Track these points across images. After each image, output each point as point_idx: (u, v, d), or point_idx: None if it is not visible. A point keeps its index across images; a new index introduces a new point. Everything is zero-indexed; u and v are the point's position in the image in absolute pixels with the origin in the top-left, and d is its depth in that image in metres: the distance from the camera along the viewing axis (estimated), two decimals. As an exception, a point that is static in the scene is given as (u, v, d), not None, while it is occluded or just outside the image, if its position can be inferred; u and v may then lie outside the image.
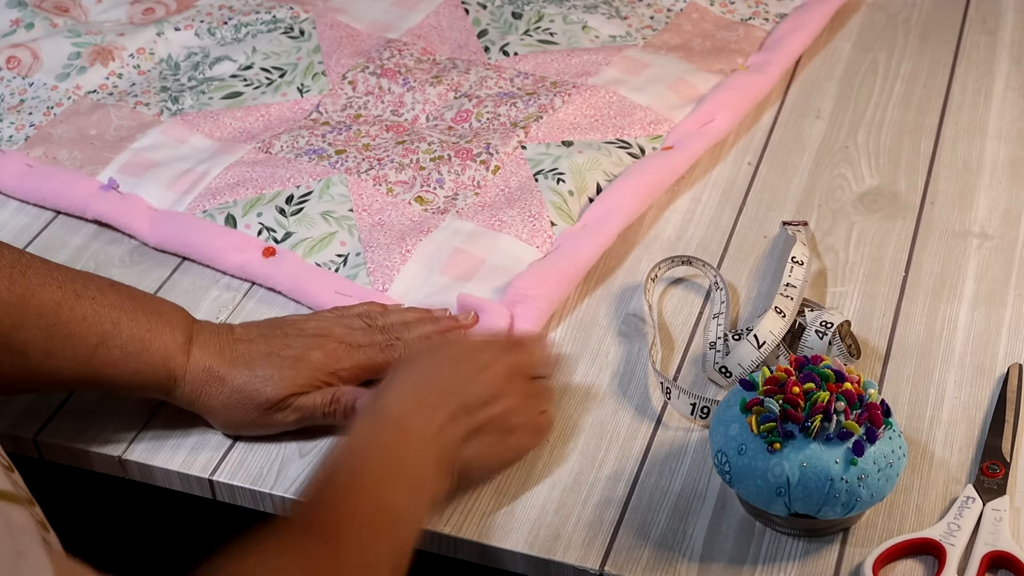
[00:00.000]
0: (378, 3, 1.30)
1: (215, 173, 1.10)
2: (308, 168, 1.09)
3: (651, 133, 1.13)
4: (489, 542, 0.85)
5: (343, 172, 1.09)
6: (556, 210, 1.05)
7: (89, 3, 1.32)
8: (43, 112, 1.19)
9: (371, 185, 1.08)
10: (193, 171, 1.11)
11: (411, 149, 1.11)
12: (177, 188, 1.10)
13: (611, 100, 1.15)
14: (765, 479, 0.80)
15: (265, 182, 1.08)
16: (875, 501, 0.81)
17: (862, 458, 0.79)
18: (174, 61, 1.25)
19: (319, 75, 1.21)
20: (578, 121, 1.13)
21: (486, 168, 1.09)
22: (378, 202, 1.07)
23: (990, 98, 1.21)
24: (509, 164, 1.09)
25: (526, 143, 1.11)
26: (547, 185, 1.07)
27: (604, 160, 1.09)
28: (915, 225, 1.08)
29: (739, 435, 0.82)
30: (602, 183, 1.08)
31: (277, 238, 1.04)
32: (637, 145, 1.12)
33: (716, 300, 1.00)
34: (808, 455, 0.79)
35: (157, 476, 0.91)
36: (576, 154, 1.09)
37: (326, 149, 1.11)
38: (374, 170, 1.09)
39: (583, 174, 1.08)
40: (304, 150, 1.12)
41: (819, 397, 0.80)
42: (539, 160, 1.09)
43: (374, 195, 1.07)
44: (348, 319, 0.93)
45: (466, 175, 1.08)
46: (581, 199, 1.07)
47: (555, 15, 1.27)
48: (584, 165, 1.08)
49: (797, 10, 1.29)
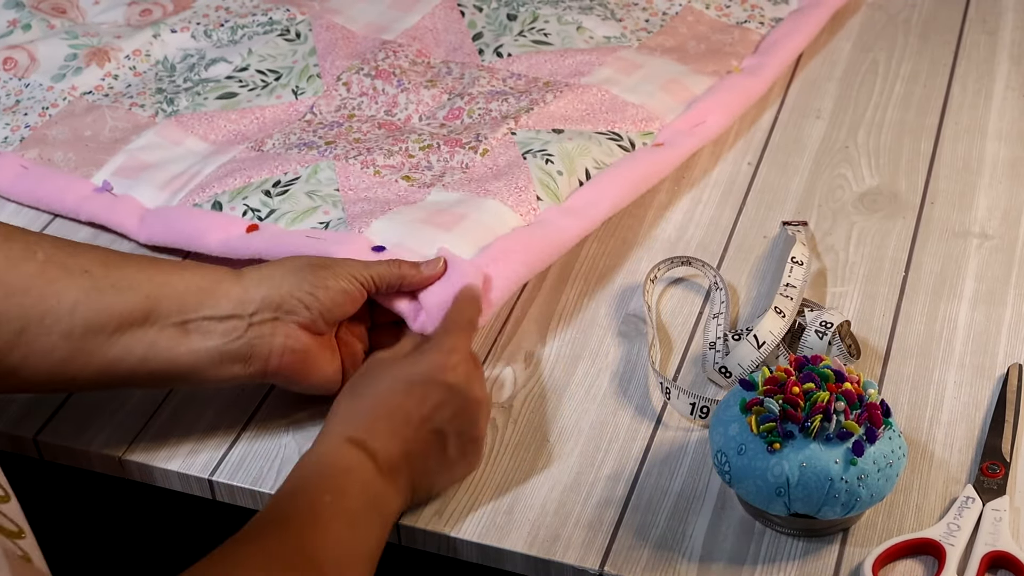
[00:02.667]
0: (375, 5, 1.30)
1: (207, 172, 1.10)
2: (297, 158, 1.09)
3: (643, 129, 1.13)
4: (489, 542, 0.85)
5: (331, 159, 1.09)
6: (543, 187, 1.05)
7: (87, 4, 1.32)
8: (38, 113, 1.19)
9: (359, 168, 1.07)
10: (186, 173, 1.11)
11: (400, 139, 1.11)
12: (170, 189, 1.10)
13: (603, 98, 1.15)
14: (765, 479, 0.80)
15: (254, 172, 1.08)
16: (875, 501, 0.81)
17: (862, 458, 0.79)
18: (170, 63, 1.25)
19: (314, 77, 1.21)
20: (569, 114, 1.13)
21: (475, 152, 1.09)
22: (365, 182, 1.06)
23: (990, 98, 1.21)
24: (498, 147, 1.09)
25: (516, 129, 1.11)
26: (535, 163, 1.06)
27: (594, 148, 1.09)
28: (915, 225, 1.08)
29: (739, 435, 0.82)
30: (591, 170, 1.07)
31: (261, 216, 1.04)
32: (628, 139, 1.11)
33: (716, 300, 1.00)
34: (808, 455, 0.79)
35: (157, 476, 0.91)
36: (566, 140, 1.09)
37: (316, 142, 1.12)
38: (362, 156, 1.09)
39: (572, 159, 1.07)
40: (295, 144, 1.12)
41: (819, 397, 0.80)
42: (528, 142, 1.09)
43: (361, 176, 1.07)
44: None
45: (455, 160, 1.08)
46: (571, 181, 1.06)
47: (550, 16, 1.26)
48: (574, 151, 1.08)
49: (793, 14, 1.29)
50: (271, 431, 0.92)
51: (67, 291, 0.83)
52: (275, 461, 0.90)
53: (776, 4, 1.31)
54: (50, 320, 0.82)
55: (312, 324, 0.88)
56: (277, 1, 1.31)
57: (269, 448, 0.91)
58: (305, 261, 0.90)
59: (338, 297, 0.88)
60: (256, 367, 0.87)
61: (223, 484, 0.90)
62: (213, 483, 0.90)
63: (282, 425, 0.93)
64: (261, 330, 0.87)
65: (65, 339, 0.83)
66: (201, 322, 0.86)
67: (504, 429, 0.92)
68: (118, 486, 0.95)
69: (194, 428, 0.93)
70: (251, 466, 0.90)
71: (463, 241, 0.98)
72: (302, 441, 0.91)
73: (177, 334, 0.85)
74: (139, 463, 0.91)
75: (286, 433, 0.92)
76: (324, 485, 0.79)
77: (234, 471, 0.90)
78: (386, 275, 0.91)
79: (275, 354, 0.87)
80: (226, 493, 0.90)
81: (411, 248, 0.97)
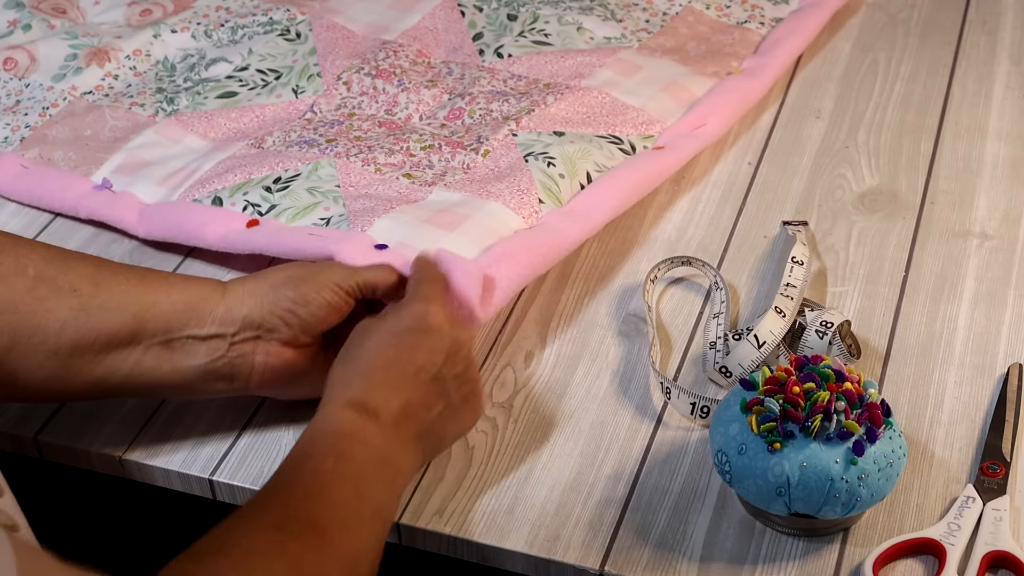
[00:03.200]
0: (375, 5, 1.30)
1: (207, 168, 1.10)
2: (298, 155, 1.09)
3: (643, 132, 1.13)
4: (489, 542, 0.85)
5: (332, 156, 1.09)
6: (545, 190, 1.05)
7: (87, 4, 1.32)
8: (39, 113, 1.19)
9: (359, 166, 1.07)
10: (186, 169, 1.11)
11: (402, 139, 1.11)
12: (169, 184, 1.10)
13: (603, 100, 1.15)
14: (765, 479, 0.80)
15: (254, 168, 1.08)
16: (875, 501, 0.81)
17: (862, 458, 0.79)
18: (170, 63, 1.25)
19: (314, 76, 1.21)
20: (570, 116, 1.13)
21: (476, 153, 1.08)
22: (365, 179, 1.06)
23: (990, 98, 1.21)
24: (499, 148, 1.09)
25: (517, 131, 1.11)
26: (537, 166, 1.06)
27: (595, 152, 1.09)
28: (915, 225, 1.08)
29: (739, 435, 0.82)
30: (592, 173, 1.07)
31: (261, 212, 1.04)
32: (628, 142, 1.11)
33: (716, 300, 1.00)
34: (808, 455, 0.79)
35: (157, 476, 0.91)
36: (568, 143, 1.09)
37: (317, 140, 1.11)
38: (363, 154, 1.09)
39: (574, 161, 1.07)
40: (295, 142, 1.12)
41: (819, 397, 0.80)
42: (530, 144, 1.09)
43: (362, 173, 1.07)
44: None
45: (456, 160, 1.08)
46: (573, 184, 1.06)
47: (550, 16, 1.26)
48: (575, 154, 1.08)
49: (793, 14, 1.28)
50: (271, 431, 0.92)
51: (56, 310, 0.83)
52: (275, 461, 0.90)
53: (776, 4, 1.30)
54: (38, 339, 0.83)
55: (294, 340, 0.88)
56: (277, 1, 1.31)
57: (269, 448, 0.91)
58: (288, 275, 0.89)
59: (320, 312, 0.88)
60: (239, 384, 0.88)
61: (223, 484, 0.90)
62: (213, 483, 0.90)
63: (282, 425, 0.93)
64: (242, 349, 0.87)
65: (51, 358, 0.83)
66: (185, 341, 0.86)
67: (504, 429, 0.92)
68: (118, 486, 0.95)
69: (194, 428, 0.93)
70: (251, 466, 0.90)
71: (466, 241, 0.98)
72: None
73: (162, 352, 0.86)
74: (139, 463, 0.91)
75: (286, 433, 0.92)
76: (326, 451, 0.78)
77: (234, 471, 0.90)
78: (380, 282, 0.91)
79: (256, 372, 0.87)
80: (227, 493, 0.90)
81: (414, 248, 0.97)
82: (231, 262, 1.05)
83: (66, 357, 0.83)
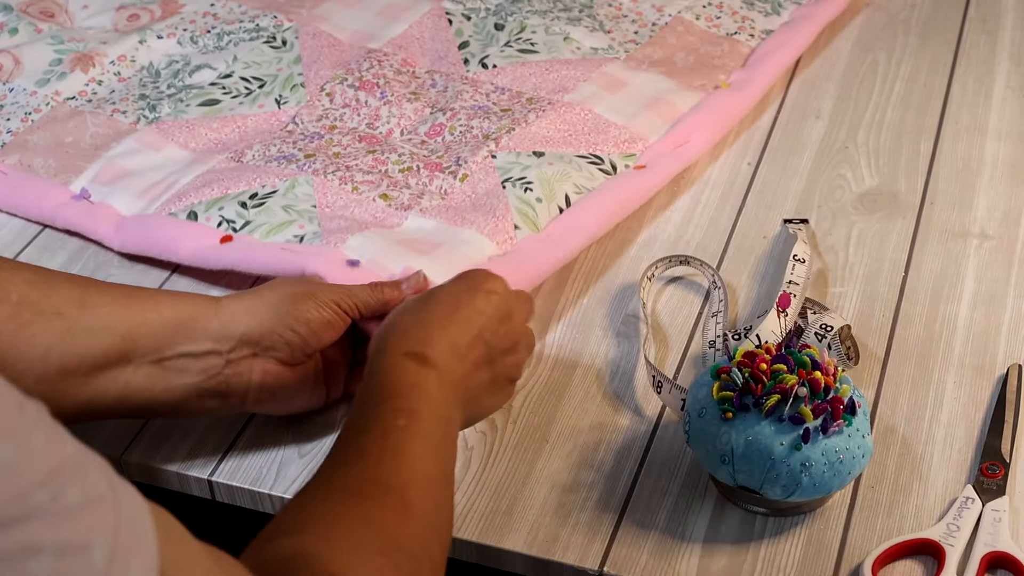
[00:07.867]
0: (362, 12, 1.29)
1: (185, 182, 1.09)
2: (276, 171, 1.09)
3: (625, 151, 1.11)
4: (488, 542, 0.85)
5: (310, 173, 1.08)
6: (521, 216, 1.04)
7: (75, 8, 1.31)
8: (20, 118, 1.17)
9: (336, 184, 1.07)
10: (164, 182, 1.10)
11: (381, 160, 1.10)
12: (147, 197, 1.09)
13: (586, 117, 1.14)
14: (714, 445, 0.82)
15: (231, 183, 1.07)
16: (821, 492, 0.82)
17: (808, 446, 0.80)
18: (155, 69, 1.24)
19: (297, 86, 1.19)
20: (551, 135, 1.12)
21: (454, 177, 1.08)
22: (342, 199, 1.06)
23: (990, 98, 1.21)
24: (478, 172, 1.08)
25: (496, 152, 1.10)
26: (514, 193, 1.05)
27: (575, 173, 1.08)
28: (915, 225, 1.08)
29: (704, 398, 0.84)
30: (571, 195, 1.06)
31: (236, 228, 1.04)
32: (609, 161, 1.10)
33: (715, 299, 1.00)
34: (756, 431, 0.81)
35: (157, 476, 0.91)
36: (546, 165, 1.08)
37: (296, 155, 1.11)
38: (341, 172, 1.08)
39: (552, 184, 1.06)
40: (274, 157, 1.11)
41: (785, 379, 0.81)
42: (508, 168, 1.08)
43: (339, 192, 1.06)
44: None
45: (434, 184, 1.08)
46: (551, 207, 1.05)
47: (537, 26, 1.25)
48: (553, 176, 1.07)
49: (783, 26, 1.27)
50: (271, 431, 0.92)
51: (40, 336, 0.81)
52: (275, 461, 0.90)
53: (767, 16, 1.29)
54: (23, 366, 0.81)
55: (291, 357, 0.87)
56: (265, 7, 1.30)
57: (269, 448, 0.91)
58: (286, 292, 0.88)
59: (319, 330, 0.87)
60: (233, 401, 0.87)
61: (223, 484, 0.90)
62: (213, 483, 0.90)
63: (282, 425, 0.93)
64: (239, 367, 0.86)
65: (37, 383, 0.81)
66: (178, 359, 0.85)
67: (504, 429, 0.92)
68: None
69: (194, 428, 0.93)
70: (251, 466, 0.90)
71: (437, 266, 0.98)
72: (301, 441, 0.91)
73: (154, 372, 0.85)
74: (139, 463, 0.91)
75: (286, 433, 0.92)
76: (395, 408, 0.76)
77: (234, 471, 0.90)
78: (370, 302, 0.90)
79: (252, 390, 0.87)
80: (226, 493, 0.90)
81: (385, 266, 0.98)
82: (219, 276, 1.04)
83: (52, 382, 0.82)
